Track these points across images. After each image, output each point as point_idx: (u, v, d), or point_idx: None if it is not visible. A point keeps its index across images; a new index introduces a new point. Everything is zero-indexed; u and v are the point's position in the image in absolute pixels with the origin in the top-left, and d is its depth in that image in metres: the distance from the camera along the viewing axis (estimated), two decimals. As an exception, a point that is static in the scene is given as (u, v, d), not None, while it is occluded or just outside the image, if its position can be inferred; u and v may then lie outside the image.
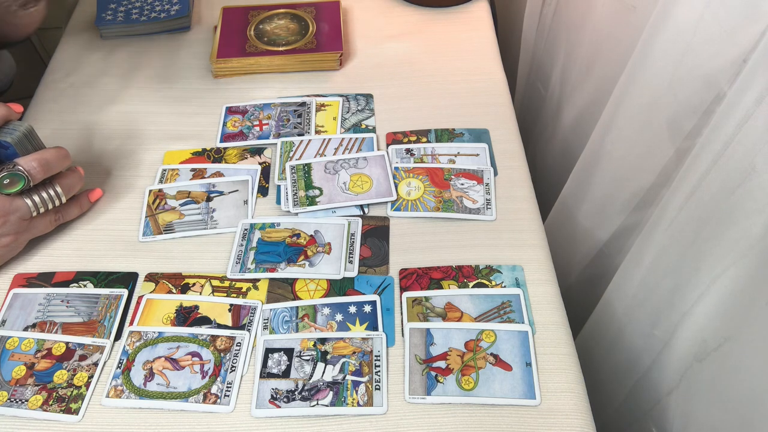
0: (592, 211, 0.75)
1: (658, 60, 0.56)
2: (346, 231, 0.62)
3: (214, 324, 0.56)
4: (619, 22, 0.68)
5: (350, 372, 0.53)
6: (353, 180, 0.66)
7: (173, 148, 0.70)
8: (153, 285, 0.59)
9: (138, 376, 0.53)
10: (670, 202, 0.55)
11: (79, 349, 0.55)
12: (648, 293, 0.62)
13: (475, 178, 0.66)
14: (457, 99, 0.75)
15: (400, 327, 0.56)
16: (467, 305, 0.57)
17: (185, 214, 0.64)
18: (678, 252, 0.56)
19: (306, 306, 0.57)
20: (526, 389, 0.52)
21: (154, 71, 0.79)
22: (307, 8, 0.82)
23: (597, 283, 0.76)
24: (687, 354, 0.57)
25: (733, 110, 0.45)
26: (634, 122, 0.62)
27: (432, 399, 0.51)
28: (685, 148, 0.57)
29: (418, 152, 0.69)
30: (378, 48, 0.81)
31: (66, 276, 0.60)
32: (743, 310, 0.48)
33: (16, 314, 0.57)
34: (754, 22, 0.45)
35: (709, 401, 0.54)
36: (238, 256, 0.60)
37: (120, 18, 0.82)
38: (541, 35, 0.94)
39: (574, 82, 0.83)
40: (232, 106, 0.74)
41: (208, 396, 0.52)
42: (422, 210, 0.64)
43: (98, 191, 0.65)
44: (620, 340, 0.69)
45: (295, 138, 0.70)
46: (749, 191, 0.45)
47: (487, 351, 0.54)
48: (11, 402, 0.52)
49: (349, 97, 0.75)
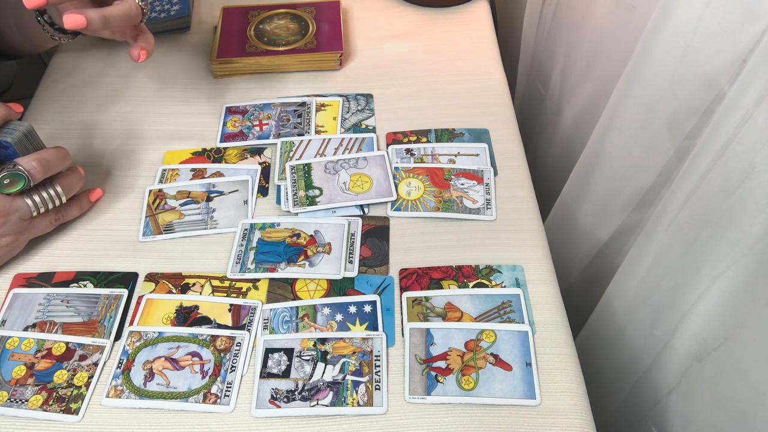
0: (592, 211, 0.75)
1: (658, 60, 0.56)
2: (346, 231, 0.62)
3: (214, 324, 0.56)
4: (619, 22, 0.68)
5: (350, 372, 0.53)
6: (353, 180, 0.66)
7: (173, 148, 0.70)
8: (153, 285, 0.59)
9: (138, 376, 0.53)
10: (670, 202, 0.55)
11: (79, 349, 0.55)
12: (648, 293, 0.62)
13: (475, 178, 0.66)
14: (457, 99, 0.75)
15: (400, 327, 0.56)
16: (467, 305, 0.57)
17: (185, 214, 0.64)
18: (678, 252, 0.56)
19: (306, 306, 0.57)
20: (526, 389, 0.52)
21: (154, 71, 0.79)
22: (307, 8, 0.82)
23: (597, 283, 0.76)
24: (687, 354, 0.57)
25: (733, 110, 0.45)
26: (634, 122, 0.62)
27: (432, 399, 0.51)
28: (685, 148, 0.57)
29: (418, 152, 0.69)
30: (378, 48, 0.81)
31: (66, 276, 0.60)
32: (743, 310, 0.48)
33: (16, 314, 0.57)
34: (754, 22, 0.45)
35: (709, 401, 0.54)
36: (238, 256, 0.61)
37: (120, 18, 0.81)
38: (541, 35, 0.94)
39: (574, 82, 0.83)
40: (232, 106, 0.74)
41: (208, 396, 0.52)
42: (422, 210, 0.64)
43: (98, 191, 0.65)
44: (620, 340, 0.69)
45: (295, 138, 0.70)
46: (749, 191, 0.45)
47: (487, 351, 0.54)
48: (11, 402, 0.52)
49: (349, 97, 0.75)
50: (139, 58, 0.60)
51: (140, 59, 0.60)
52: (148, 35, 0.61)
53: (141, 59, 0.60)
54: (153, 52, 0.61)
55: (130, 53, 0.60)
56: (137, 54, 0.60)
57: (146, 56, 0.60)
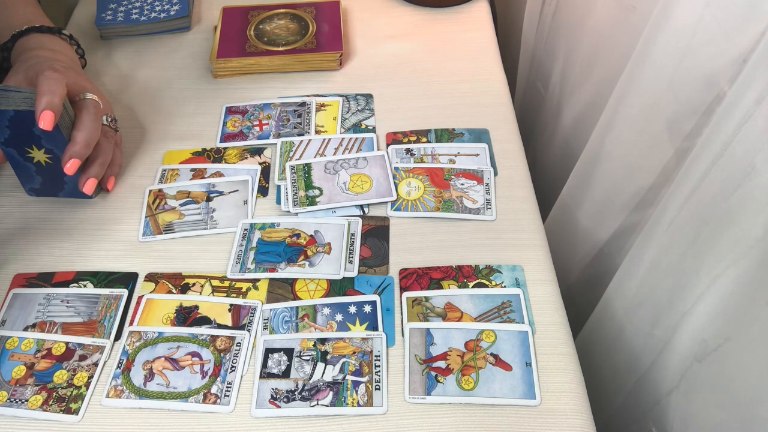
0: (592, 211, 0.75)
1: (658, 60, 0.56)
2: (346, 231, 0.62)
3: (214, 324, 0.56)
4: (619, 23, 0.68)
5: (350, 372, 0.53)
6: (353, 180, 0.66)
7: (173, 148, 0.70)
8: (153, 285, 0.59)
9: (138, 376, 0.53)
10: (670, 202, 0.55)
11: (79, 349, 0.55)
12: (648, 293, 0.62)
13: (475, 178, 0.66)
14: (457, 99, 0.75)
15: (400, 327, 0.56)
16: (467, 305, 0.57)
17: (185, 214, 0.64)
18: (678, 252, 0.56)
19: (306, 306, 0.57)
20: (526, 389, 0.52)
21: (154, 71, 0.79)
22: (307, 8, 0.82)
23: (597, 283, 0.76)
24: (687, 354, 0.57)
25: (733, 110, 0.45)
26: (634, 122, 0.62)
27: (432, 399, 0.51)
28: (685, 148, 0.57)
29: (418, 152, 0.69)
30: (378, 48, 0.81)
31: (66, 276, 0.60)
32: (743, 310, 0.48)
33: (16, 314, 0.57)
34: (754, 22, 0.45)
35: (709, 401, 0.54)
36: (238, 256, 0.60)
37: (120, 18, 0.82)
38: (541, 35, 0.94)
39: (574, 82, 0.83)
40: (232, 106, 0.74)
41: (208, 396, 0.52)
42: (422, 210, 0.64)
43: (113, 178, 0.66)
44: (620, 340, 0.69)
45: (295, 138, 0.70)
46: (749, 191, 0.45)
47: (487, 351, 0.54)
48: (11, 402, 0.52)
49: (349, 97, 0.75)
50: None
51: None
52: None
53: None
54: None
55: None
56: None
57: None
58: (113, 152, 0.65)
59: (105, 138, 0.63)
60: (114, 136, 0.66)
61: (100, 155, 0.62)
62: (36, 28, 0.67)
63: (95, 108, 0.61)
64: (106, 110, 0.66)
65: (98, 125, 0.61)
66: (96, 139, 0.60)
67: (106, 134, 0.64)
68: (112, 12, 0.82)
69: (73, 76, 0.62)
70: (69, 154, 0.58)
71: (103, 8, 0.83)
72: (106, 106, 0.66)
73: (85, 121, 0.59)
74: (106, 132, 0.64)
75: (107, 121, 0.65)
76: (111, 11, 0.82)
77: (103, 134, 0.63)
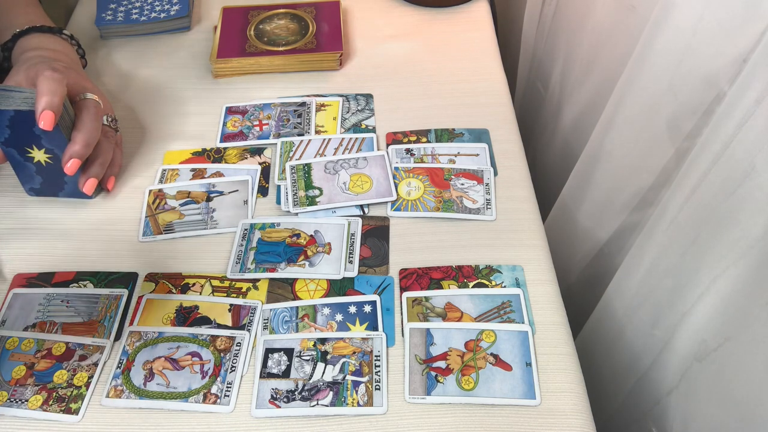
0: (592, 211, 0.75)
1: (658, 60, 0.56)
2: (346, 231, 0.62)
3: (214, 324, 0.56)
4: (619, 22, 0.68)
5: (350, 372, 0.53)
6: (353, 180, 0.66)
7: (173, 148, 0.70)
8: (153, 285, 0.59)
9: (138, 376, 0.53)
10: (670, 202, 0.55)
11: (79, 349, 0.55)
12: (648, 293, 0.62)
13: (475, 178, 0.66)
14: (457, 99, 0.75)
15: (400, 327, 0.56)
16: (467, 305, 0.57)
17: (185, 214, 0.64)
18: (678, 252, 0.56)
19: (306, 306, 0.57)
20: (526, 389, 0.52)
21: (154, 71, 0.79)
22: (307, 8, 0.82)
23: (597, 283, 0.76)
24: (687, 354, 0.57)
25: (733, 110, 0.45)
26: (634, 122, 0.62)
27: (432, 399, 0.51)
28: (685, 148, 0.57)
29: (418, 152, 0.69)
30: (378, 48, 0.81)
31: (66, 276, 0.60)
32: (743, 310, 0.48)
33: (16, 314, 0.57)
34: (754, 22, 0.45)
35: (709, 401, 0.54)
36: (238, 256, 0.61)
37: (120, 18, 0.82)
38: (541, 35, 0.94)
39: (574, 82, 0.83)
40: (232, 106, 0.74)
41: (208, 396, 0.52)
42: (422, 210, 0.64)
43: (113, 178, 0.66)
44: (620, 340, 0.69)
45: (295, 138, 0.70)
46: (749, 191, 0.45)
47: (487, 351, 0.54)
48: (11, 402, 0.52)
49: (349, 97, 0.75)
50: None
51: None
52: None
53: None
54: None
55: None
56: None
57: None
58: (113, 152, 0.65)
59: (105, 138, 0.63)
60: (114, 136, 0.66)
61: (100, 155, 0.62)
62: (37, 28, 0.67)
63: (95, 108, 0.61)
64: (107, 110, 0.66)
65: (98, 125, 0.61)
66: (96, 139, 0.60)
67: (106, 134, 0.64)
68: (112, 12, 0.82)
69: (73, 76, 0.62)
70: (69, 154, 0.58)
71: (103, 8, 0.83)
72: (106, 106, 0.66)
73: (86, 121, 0.59)
74: (106, 132, 0.64)
75: (107, 121, 0.65)
76: (111, 11, 0.82)
77: (104, 134, 0.63)
